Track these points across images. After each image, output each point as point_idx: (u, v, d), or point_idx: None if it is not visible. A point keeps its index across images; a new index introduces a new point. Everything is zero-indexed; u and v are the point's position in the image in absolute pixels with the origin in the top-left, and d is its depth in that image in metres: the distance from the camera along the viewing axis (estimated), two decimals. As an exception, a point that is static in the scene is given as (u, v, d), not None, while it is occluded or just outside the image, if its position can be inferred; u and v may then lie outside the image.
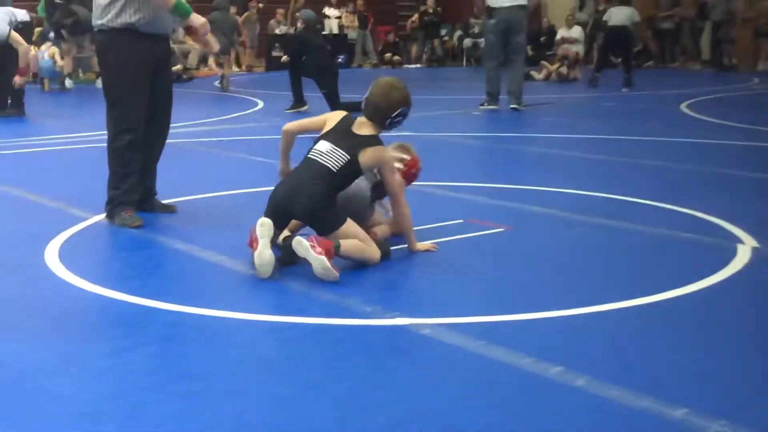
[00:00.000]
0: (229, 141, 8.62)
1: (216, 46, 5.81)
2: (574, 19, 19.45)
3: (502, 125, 10.02)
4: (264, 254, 3.89)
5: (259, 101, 12.61)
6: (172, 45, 17.08)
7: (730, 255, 4.27)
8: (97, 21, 5.05)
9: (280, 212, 4.12)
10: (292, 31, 18.90)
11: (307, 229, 4.27)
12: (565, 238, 4.77)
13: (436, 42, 22.37)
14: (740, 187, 6.21)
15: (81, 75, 16.08)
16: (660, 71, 19.02)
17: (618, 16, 14.10)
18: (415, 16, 22.22)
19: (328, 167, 4.15)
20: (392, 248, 4.32)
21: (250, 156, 7.68)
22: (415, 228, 4.45)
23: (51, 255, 4.35)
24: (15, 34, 9.97)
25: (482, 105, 11.24)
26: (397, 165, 4.59)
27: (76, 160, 7.62)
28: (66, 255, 4.36)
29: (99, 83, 15.19)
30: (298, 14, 18.96)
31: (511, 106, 10.91)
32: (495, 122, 10.27)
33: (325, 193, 4.11)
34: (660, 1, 19.92)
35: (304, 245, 3.89)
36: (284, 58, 11.76)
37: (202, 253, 4.39)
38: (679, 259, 4.29)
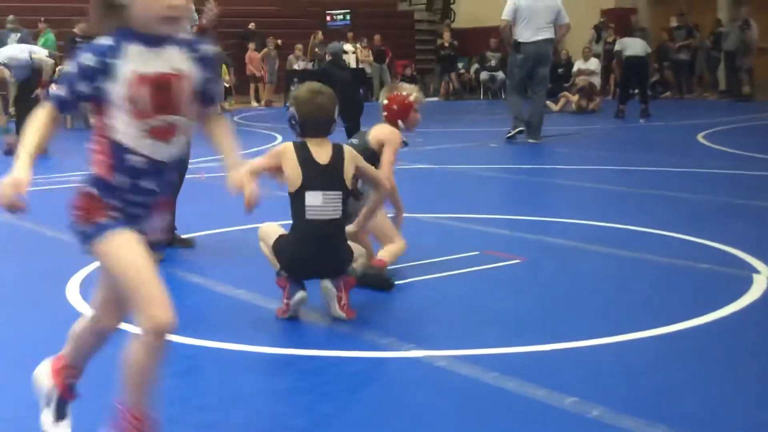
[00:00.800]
0: (247, 175, 8.69)
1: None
2: (591, 51, 19.49)
3: (518, 157, 10.06)
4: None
5: (278, 136, 12.72)
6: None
7: (746, 285, 4.27)
8: None
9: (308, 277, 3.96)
10: (310, 66, 19.12)
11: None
12: (581, 269, 4.78)
13: (453, 75, 22.50)
14: (756, 217, 6.20)
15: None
16: (676, 102, 19.02)
17: (632, 47, 14.19)
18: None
19: (335, 218, 3.92)
20: (412, 280, 4.35)
21: (268, 190, 7.73)
22: (431, 260, 4.49)
23: (72, 290, 4.41)
24: (39, 51, 10.44)
25: (509, 133, 11.13)
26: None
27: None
28: (87, 290, 4.41)
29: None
30: (317, 49, 19.26)
31: (529, 140, 10.90)
32: (511, 154, 10.31)
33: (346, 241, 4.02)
34: (674, 33, 19.98)
35: (332, 293, 3.88)
36: None
37: (219, 287, 4.44)
38: (694, 290, 4.30)
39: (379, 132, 4.66)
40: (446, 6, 25.34)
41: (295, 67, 19.99)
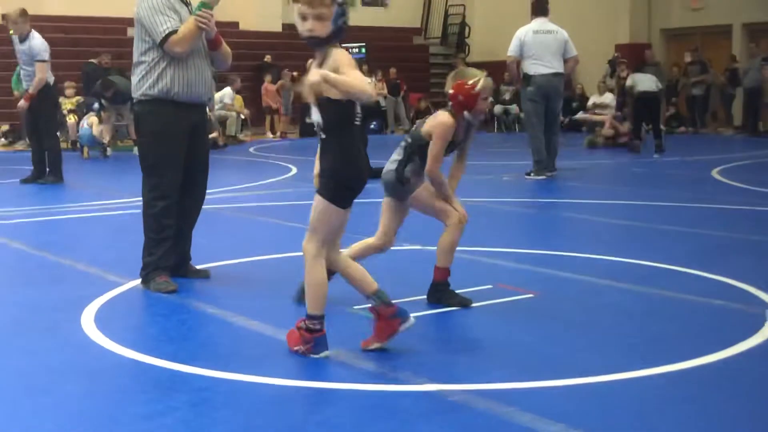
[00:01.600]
0: (262, 207, 8.75)
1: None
2: (606, 86, 19.54)
3: (531, 190, 10.08)
4: None
5: (292, 167, 12.79)
6: (208, 113, 17.39)
7: (760, 322, 4.25)
8: (136, 92, 5.23)
9: None
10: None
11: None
12: (594, 304, 4.78)
13: (468, 108, 22.59)
14: (771, 253, 6.19)
15: (119, 143, 16.41)
16: (691, 137, 19.02)
17: (643, 82, 14.26)
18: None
19: None
20: (425, 313, 4.36)
21: (283, 221, 7.79)
22: (444, 294, 4.45)
23: (87, 319, 4.44)
24: (38, 64, 10.41)
25: (529, 174, 10.98)
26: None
27: (113, 226, 7.77)
28: (102, 320, 4.45)
29: (136, 150, 15.58)
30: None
31: (546, 173, 10.88)
32: (524, 188, 10.33)
33: None
34: (689, 68, 20.05)
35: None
36: None
37: (234, 318, 4.46)
38: (708, 326, 4.29)
39: (431, 122, 4.76)
40: (461, 40, 25.51)
41: (311, 99, 20.12)
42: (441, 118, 4.71)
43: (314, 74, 3.59)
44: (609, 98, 18.52)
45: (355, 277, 3.98)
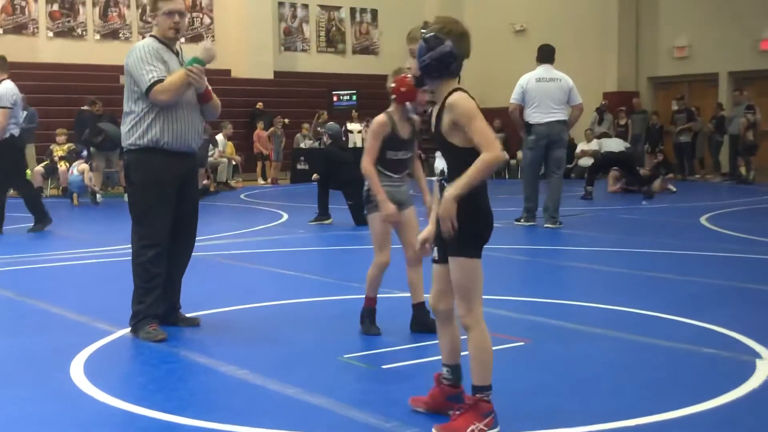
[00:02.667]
0: (253, 253, 8.76)
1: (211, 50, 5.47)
2: (593, 133, 19.69)
3: (523, 237, 10.11)
4: None
5: (283, 213, 12.82)
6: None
7: (749, 370, 4.27)
8: (126, 141, 5.26)
9: None
10: (316, 144, 19.34)
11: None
12: (584, 352, 4.78)
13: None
14: (760, 301, 6.21)
15: (110, 189, 16.43)
16: (680, 184, 19.14)
17: (609, 145, 16.09)
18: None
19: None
20: (417, 362, 4.34)
21: (274, 269, 7.79)
22: (429, 342, 4.47)
23: (76, 369, 4.42)
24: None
25: (518, 220, 11.01)
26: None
27: (102, 274, 7.76)
28: (91, 369, 4.43)
29: (127, 198, 15.59)
30: (320, 129, 19.50)
31: (546, 225, 10.65)
32: (515, 235, 10.36)
33: None
34: (676, 116, 20.28)
35: None
36: (314, 176, 12.02)
37: (224, 368, 4.45)
38: (698, 374, 4.29)
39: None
40: (451, 87, 25.75)
41: (302, 145, 20.24)
42: (376, 118, 5.08)
43: (444, 210, 3.35)
44: (596, 145, 18.64)
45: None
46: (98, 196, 15.13)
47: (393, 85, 5.01)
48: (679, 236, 9.78)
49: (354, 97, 22.32)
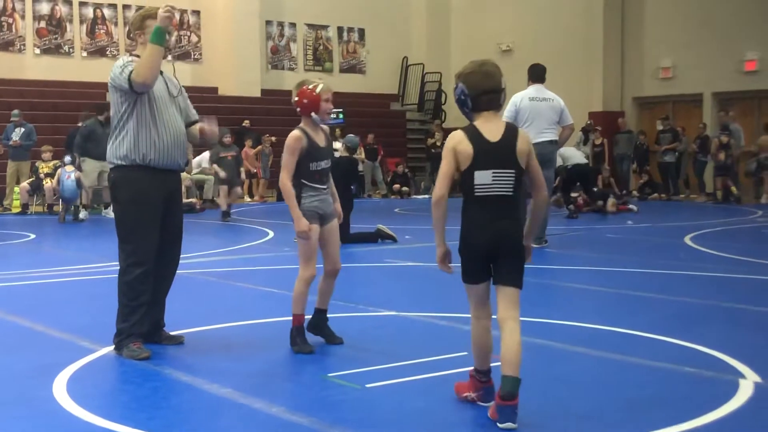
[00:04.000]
0: (238, 271, 8.75)
1: (215, 132, 5.70)
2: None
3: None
4: None
5: (269, 231, 12.82)
6: (188, 177, 17.40)
7: (732, 390, 4.29)
8: (112, 158, 5.24)
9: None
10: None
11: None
12: (567, 371, 4.80)
13: (445, 173, 22.80)
14: (742, 321, 6.25)
15: (95, 206, 16.37)
16: (664, 204, 19.27)
17: (574, 156, 16.27)
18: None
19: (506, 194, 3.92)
20: (399, 381, 4.33)
21: (259, 286, 7.78)
22: (418, 360, 4.47)
23: (59, 387, 4.40)
24: None
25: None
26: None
27: (87, 291, 7.73)
28: (74, 387, 4.41)
29: (105, 213, 15.55)
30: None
31: (532, 245, 10.64)
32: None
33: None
34: (660, 136, 20.43)
35: None
36: None
37: (208, 386, 4.44)
38: (680, 394, 4.31)
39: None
40: (437, 106, 25.89)
41: (289, 163, 20.26)
42: (290, 133, 5.17)
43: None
44: (559, 159, 18.62)
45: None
46: (82, 212, 15.08)
47: (296, 98, 5.21)
48: (663, 256, 9.83)
49: (341, 116, 22.26)
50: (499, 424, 3.74)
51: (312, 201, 5.19)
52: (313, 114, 5.18)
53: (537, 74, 11.10)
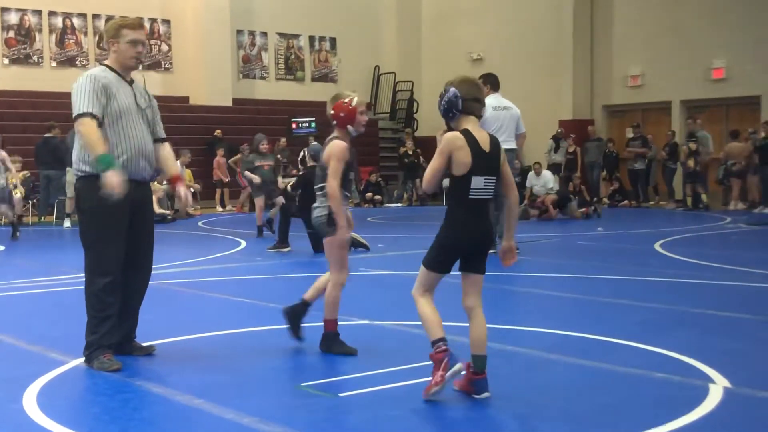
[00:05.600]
0: (210, 281, 8.71)
1: (189, 201, 5.65)
2: (541, 167, 19.59)
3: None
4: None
5: (242, 241, 12.78)
6: (160, 188, 17.23)
7: (702, 395, 4.33)
8: (76, 166, 5.15)
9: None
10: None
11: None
12: (538, 377, 4.82)
13: (417, 181, 22.86)
14: (711, 326, 6.31)
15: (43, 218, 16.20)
16: (634, 210, 19.44)
17: (536, 186, 17.22)
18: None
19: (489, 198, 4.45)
20: (373, 389, 4.34)
21: (230, 297, 7.75)
22: (392, 368, 4.48)
23: (29, 400, 4.36)
24: None
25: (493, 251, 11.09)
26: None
27: (54, 303, 7.66)
28: (44, 400, 4.37)
29: (63, 224, 15.47)
30: (279, 156, 19.50)
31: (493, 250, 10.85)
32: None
33: None
34: (631, 144, 20.61)
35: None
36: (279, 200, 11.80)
37: (180, 397, 4.42)
38: (650, 399, 4.35)
39: (327, 150, 5.31)
40: (409, 115, 25.96)
41: (261, 172, 20.20)
42: (335, 142, 5.28)
43: None
44: (548, 176, 18.68)
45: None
46: (67, 221, 14.98)
47: (332, 111, 5.32)
48: (633, 262, 9.92)
49: (313, 124, 22.38)
50: (475, 396, 4.25)
51: (344, 209, 5.33)
52: (349, 126, 5.29)
53: (495, 83, 11.27)
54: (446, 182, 4.54)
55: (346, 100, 5.30)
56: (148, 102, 5.36)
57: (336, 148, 5.26)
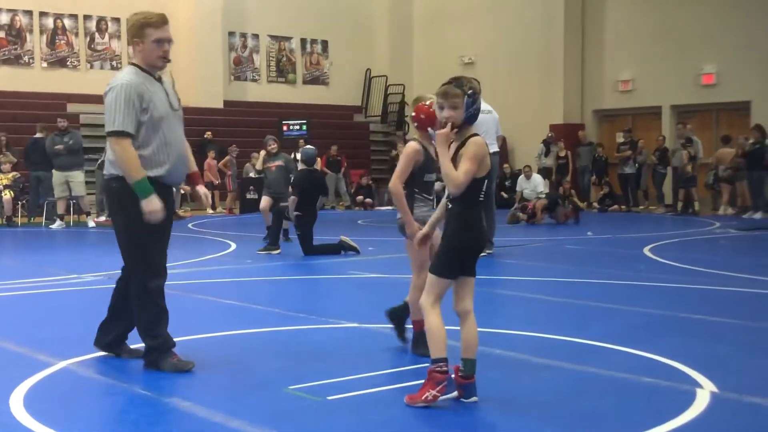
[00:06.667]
0: (200, 284, 8.69)
1: (209, 200, 5.86)
2: (531, 170, 19.68)
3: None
4: None
5: (231, 243, 12.76)
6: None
7: (689, 400, 4.34)
8: (111, 168, 4.98)
9: None
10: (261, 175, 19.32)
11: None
12: (525, 381, 4.83)
13: (407, 185, 22.88)
14: (700, 330, 6.33)
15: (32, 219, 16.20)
16: (624, 215, 19.49)
17: (526, 191, 17.54)
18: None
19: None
20: (361, 392, 4.33)
21: (220, 299, 7.74)
22: (381, 371, 4.48)
23: (16, 402, 4.34)
24: None
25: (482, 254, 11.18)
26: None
27: (43, 304, 7.63)
28: (31, 402, 4.36)
29: (52, 225, 15.44)
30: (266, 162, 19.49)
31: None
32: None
33: None
34: (621, 148, 20.67)
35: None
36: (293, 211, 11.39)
37: (168, 399, 4.41)
38: (638, 404, 4.36)
39: (401, 151, 5.45)
40: (400, 118, 25.99)
41: (251, 175, 20.19)
42: (408, 143, 5.37)
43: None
44: (538, 179, 18.73)
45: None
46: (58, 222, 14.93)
47: (413, 114, 5.36)
48: (622, 267, 9.94)
49: (304, 127, 22.39)
50: (464, 400, 4.26)
51: (423, 210, 5.36)
52: (429, 129, 5.27)
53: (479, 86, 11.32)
54: (438, 185, 4.58)
55: (427, 102, 5.29)
56: (178, 103, 5.21)
57: (407, 148, 5.35)
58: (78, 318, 6.72)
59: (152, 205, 4.81)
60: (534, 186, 17.99)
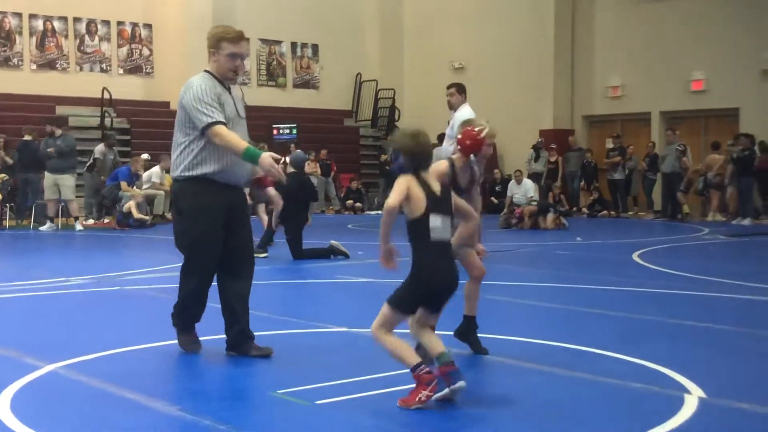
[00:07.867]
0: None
1: (279, 203, 6.13)
2: (522, 175, 19.69)
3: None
4: None
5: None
6: (139, 192, 17.11)
7: (678, 405, 4.35)
8: (174, 170, 5.35)
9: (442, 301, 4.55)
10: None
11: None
12: (514, 386, 4.83)
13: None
14: (688, 336, 6.35)
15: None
16: (613, 221, 19.54)
17: (517, 195, 17.39)
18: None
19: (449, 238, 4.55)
20: (348, 397, 4.32)
21: (208, 303, 7.69)
22: (368, 376, 4.47)
23: (2, 405, 4.31)
24: None
25: None
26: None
27: (30, 308, 7.58)
28: (18, 405, 4.33)
29: (35, 227, 15.42)
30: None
31: None
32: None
33: None
34: (610, 154, 20.72)
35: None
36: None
37: (155, 404, 4.39)
38: (627, 410, 4.36)
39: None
40: (391, 122, 25.98)
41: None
42: (438, 162, 5.19)
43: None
44: (528, 184, 18.71)
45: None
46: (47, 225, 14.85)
47: (460, 136, 5.30)
48: (611, 272, 9.96)
49: (294, 131, 22.36)
50: (452, 386, 4.25)
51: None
52: (472, 156, 5.29)
53: (465, 92, 11.18)
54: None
55: (477, 129, 5.24)
56: (244, 111, 5.54)
57: (437, 165, 5.06)
58: (65, 321, 6.69)
59: (267, 160, 5.04)
60: (524, 191, 18.00)
